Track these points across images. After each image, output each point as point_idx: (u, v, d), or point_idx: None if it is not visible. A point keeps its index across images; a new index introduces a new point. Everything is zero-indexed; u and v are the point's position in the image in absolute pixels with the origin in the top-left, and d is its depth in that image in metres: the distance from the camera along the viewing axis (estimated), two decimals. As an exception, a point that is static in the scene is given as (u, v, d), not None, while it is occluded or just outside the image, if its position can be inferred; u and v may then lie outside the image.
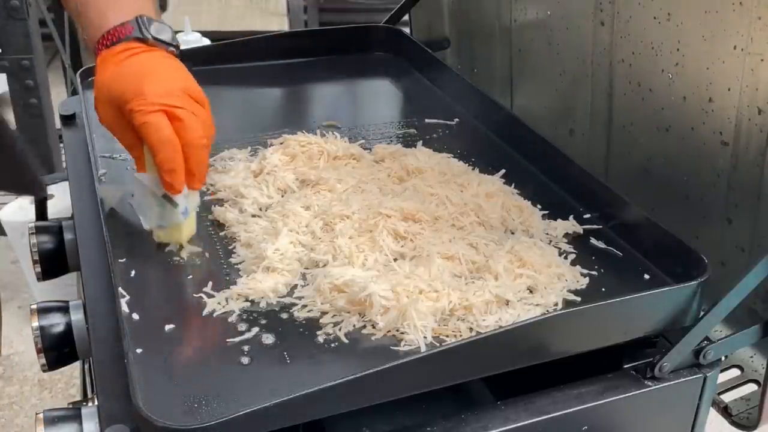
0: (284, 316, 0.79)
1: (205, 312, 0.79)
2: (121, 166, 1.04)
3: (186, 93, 0.85)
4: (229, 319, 0.78)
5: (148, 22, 0.89)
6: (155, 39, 0.89)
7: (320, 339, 0.76)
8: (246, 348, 0.75)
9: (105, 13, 0.90)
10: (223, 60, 1.32)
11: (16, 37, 2.12)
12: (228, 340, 0.76)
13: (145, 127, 0.82)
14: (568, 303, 0.82)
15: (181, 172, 0.84)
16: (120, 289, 0.80)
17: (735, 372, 0.92)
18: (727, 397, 0.89)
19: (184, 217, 0.87)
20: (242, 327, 0.77)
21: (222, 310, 0.79)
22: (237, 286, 0.82)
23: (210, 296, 0.81)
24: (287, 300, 0.81)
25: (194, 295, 0.81)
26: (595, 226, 0.94)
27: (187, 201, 0.87)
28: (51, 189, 1.18)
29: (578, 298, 0.82)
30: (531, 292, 0.82)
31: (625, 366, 0.79)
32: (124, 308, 0.78)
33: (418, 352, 0.73)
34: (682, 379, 0.79)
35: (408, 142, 1.13)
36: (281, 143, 1.07)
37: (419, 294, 0.78)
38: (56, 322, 0.82)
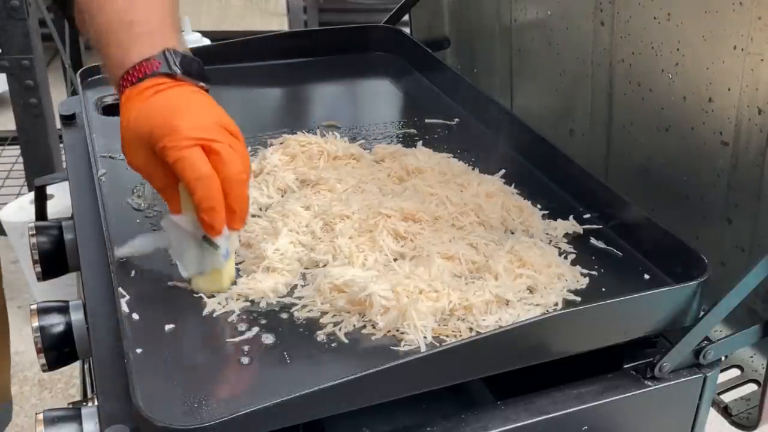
0: (284, 316, 0.79)
1: (205, 312, 0.79)
2: (121, 166, 1.04)
3: (221, 126, 0.79)
4: (229, 319, 0.78)
5: (176, 56, 0.81)
6: (184, 74, 0.81)
7: (320, 339, 0.76)
8: (246, 348, 0.75)
9: (128, 48, 0.81)
10: (223, 60, 1.32)
11: (16, 37, 2.12)
12: (228, 340, 0.76)
13: (180, 163, 0.76)
14: (568, 303, 0.81)
15: (222, 210, 0.77)
16: (120, 289, 0.80)
17: (735, 372, 0.92)
18: (727, 397, 0.89)
19: (225, 259, 0.80)
20: (242, 327, 0.77)
21: (222, 310, 0.79)
22: (237, 286, 0.82)
23: (210, 296, 0.81)
24: (287, 300, 0.81)
25: (194, 295, 0.81)
26: (595, 226, 0.94)
27: (228, 242, 0.80)
28: (51, 189, 1.18)
29: (578, 298, 0.82)
30: (531, 292, 0.82)
31: (625, 366, 0.79)
32: (124, 308, 0.78)
33: (418, 352, 0.73)
34: (682, 379, 0.79)
35: (408, 142, 1.13)
36: (281, 143, 1.07)
37: (419, 294, 0.78)
38: (56, 322, 0.82)
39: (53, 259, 0.96)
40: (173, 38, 0.83)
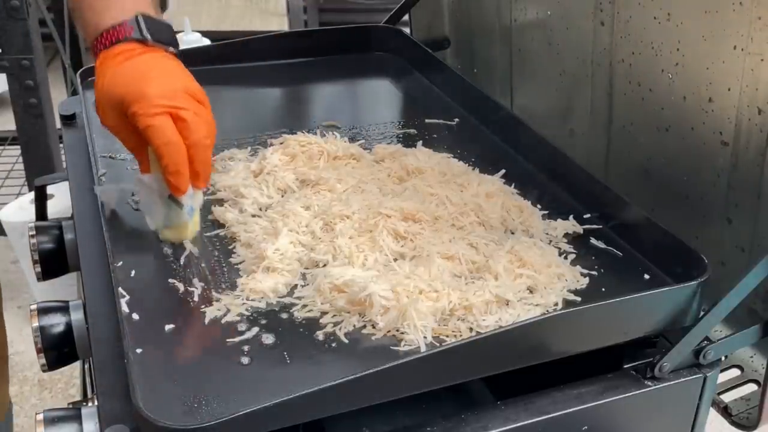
0: (284, 316, 0.79)
1: (205, 312, 0.79)
2: (121, 166, 1.04)
3: (188, 93, 0.84)
4: (229, 319, 0.78)
5: (147, 22, 0.87)
6: (155, 40, 0.87)
7: (320, 339, 0.76)
8: (246, 348, 0.75)
9: (102, 12, 0.87)
10: (223, 60, 1.32)
11: (16, 37, 2.12)
12: (228, 340, 0.76)
13: (149, 131, 0.82)
14: (568, 303, 0.81)
15: (186, 173, 0.84)
16: (120, 289, 0.80)
17: (735, 372, 0.92)
18: (727, 397, 0.89)
19: (190, 216, 0.88)
20: (242, 327, 0.77)
21: (222, 310, 0.79)
22: (237, 286, 0.82)
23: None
24: (287, 300, 0.81)
25: (192, 295, 0.81)
26: (595, 226, 0.94)
27: (192, 200, 0.88)
28: (51, 189, 1.18)
29: (578, 298, 0.82)
30: (531, 292, 0.82)
31: (625, 366, 0.79)
32: (124, 308, 0.78)
33: (418, 352, 0.73)
34: (682, 379, 0.79)
35: (408, 142, 1.13)
36: (281, 143, 1.07)
37: (419, 294, 0.78)
38: (56, 322, 0.82)
39: (53, 259, 0.96)
40: (146, 3, 0.89)
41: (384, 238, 0.87)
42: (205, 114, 0.86)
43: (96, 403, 0.71)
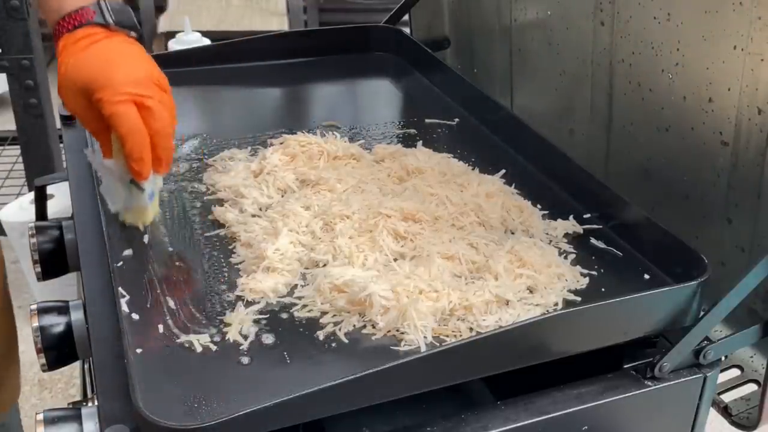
0: (284, 316, 0.79)
1: (206, 312, 0.79)
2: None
3: (152, 80, 0.86)
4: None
5: (109, 6, 0.89)
6: (116, 24, 0.89)
7: (320, 339, 0.76)
8: (246, 348, 0.75)
9: None
10: (223, 60, 1.32)
11: (16, 37, 2.12)
12: (228, 339, 0.75)
13: (114, 118, 0.83)
14: (568, 303, 0.81)
15: (149, 160, 0.86)
16: (120, 289, 0.80)
17: (735, 372, 0.92)
18: (727, 397, 0.89)
19: (150, 199, 0.90)
20: (242, 327, 0.77)
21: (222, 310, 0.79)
22: (237, 286, 0.82)
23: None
24: (287, 300, 0.81)
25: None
26: (595, 226, 0.94)
27: (153, 185, 0.90)
28: (51, 189, 1.18)
29: (578, 298, 0.82)
30: (531, 292, 0.82)
31: (625, 366, 0.79)
32: (124, 308, 0.78)
33: (418, 352, 0.73)
34: (682, 379, 0.79)
35: (408, 142, 1.13)
36: (281, 143, 1.07)
37: (419, 294, 0.78)
38: (56, 322, 0.82)
39: (53, 259, 0.96)
40: None
41: (384, 238, 0.87)
42: (168, 101, 0.88)
43: (96, 403, 0.71)
